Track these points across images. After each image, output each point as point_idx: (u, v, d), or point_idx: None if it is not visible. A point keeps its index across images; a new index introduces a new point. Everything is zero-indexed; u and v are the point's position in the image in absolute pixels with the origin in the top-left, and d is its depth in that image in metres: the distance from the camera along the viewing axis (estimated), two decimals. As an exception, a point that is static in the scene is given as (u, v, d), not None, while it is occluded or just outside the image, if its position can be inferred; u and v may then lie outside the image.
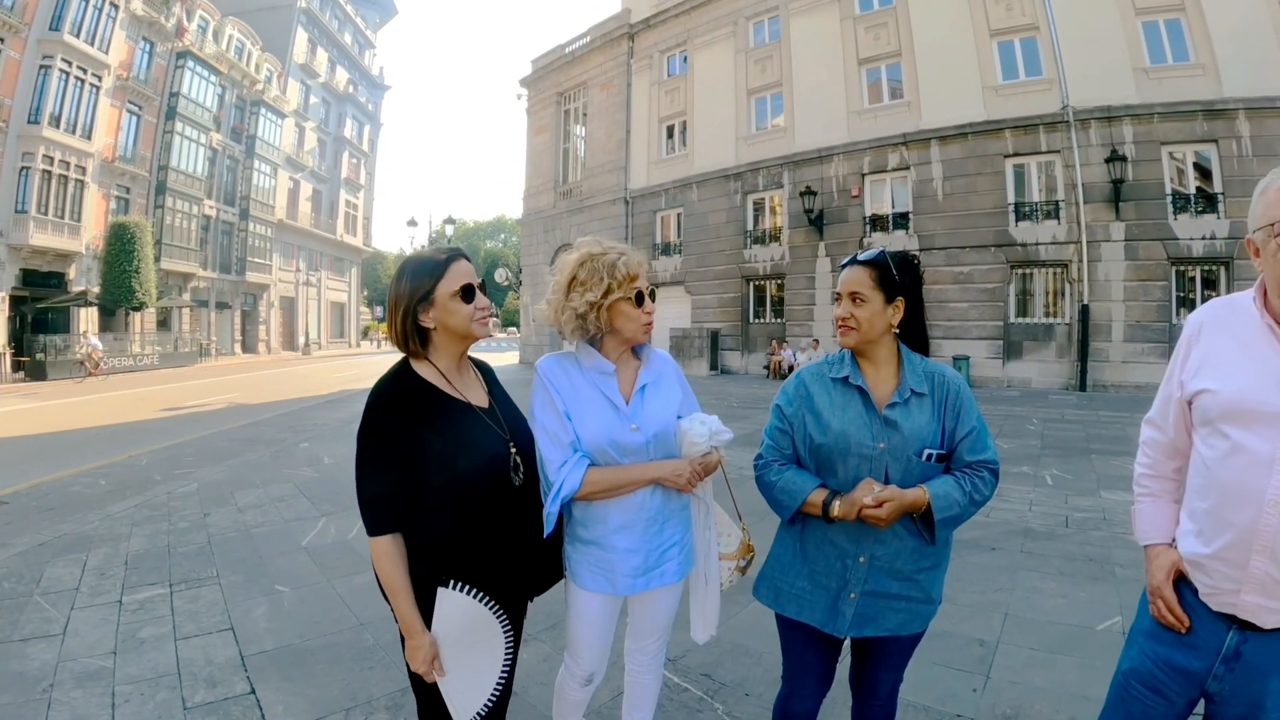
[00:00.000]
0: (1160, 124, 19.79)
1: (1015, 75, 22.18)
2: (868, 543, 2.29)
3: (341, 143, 58.16)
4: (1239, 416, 1.79)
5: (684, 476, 2.41)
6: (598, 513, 2.46)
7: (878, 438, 2.27)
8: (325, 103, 56.39)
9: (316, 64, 54.29)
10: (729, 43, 29.01)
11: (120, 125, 35.48)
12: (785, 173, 26.61)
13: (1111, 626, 4.55)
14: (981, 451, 2.32)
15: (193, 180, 40.35)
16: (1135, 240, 20.01)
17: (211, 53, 41.42)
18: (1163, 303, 19.81)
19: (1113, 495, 8.13)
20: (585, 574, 2.49)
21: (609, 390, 2.44)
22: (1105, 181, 20.03)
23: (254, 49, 46.43)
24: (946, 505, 2.22)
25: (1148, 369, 19.61)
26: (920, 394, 2.31)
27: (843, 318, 2.34)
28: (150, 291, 33.88)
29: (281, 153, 49.56)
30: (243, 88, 45.50)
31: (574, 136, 36.14)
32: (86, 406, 18.97)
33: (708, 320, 28.78)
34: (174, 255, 38.91)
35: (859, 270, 2.35)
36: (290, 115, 50.74)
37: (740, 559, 2.76)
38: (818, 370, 2.46)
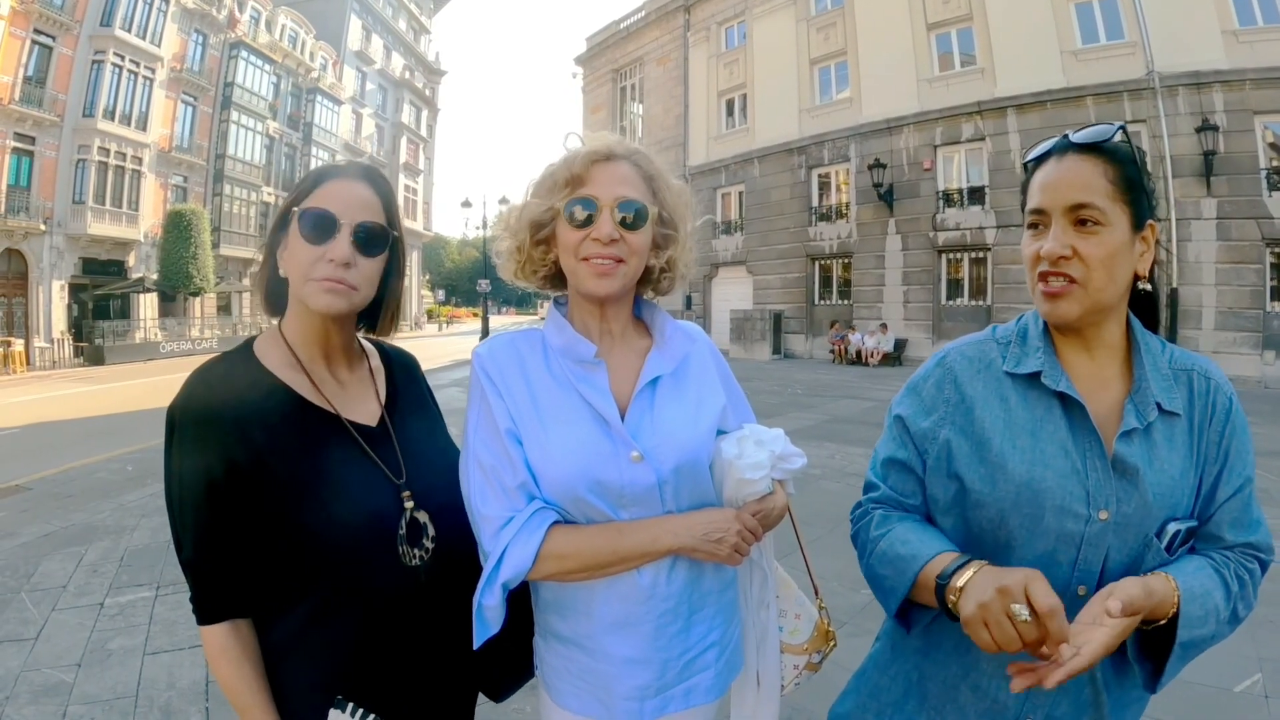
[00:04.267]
0: (1253, 92, 18.37)
1: (1096, 39, 21.04)
2: (1044, 694, 1.31)
3: (399, 128, 58.55)
4: None
5: (728, 542, 1.45)
6: (577, 600, 1.52)
7: (1099, 498, 1.28)
8: (382, 89, 56.85)
9: (371, 51, 54.68)
10: (789, 11, 28.22)
11: (176, 116, 36.09)
12: (851, 145, 25.88)
13: (1251, 687, 3.87)
14: (1252, 529, 1.35)
15: (250, 168, 40.94)
16: (1227, 219, 18.64)
17: (265, 42, 41.87)
18: (1256, 288, 18.47)
19: None
20: (564, 687, 1.56)
21: (591, 391, 1.48)
22: (1195, 154, 18.71)
23: (307, 37, 46.87)
24: (1202, 615, 1.23)
25: (1240, 360, 18.23)
26: (1171, 414, 1.33)
27: (1058, 259, 1.28)
28: (208, 277, 34.50)
29: (339, 139, 50.03)
30: (298, 76, 46.01)
31: (630, 114, 35.90)
32: (142, 390, 19.40)
33: (770, 301, 28.25)
34: (233, 241, 39.51)
35: (1083, 163, 1.30)
36: (347, 102, 51.24)
37: (814, 652, 1.78)
38: (980, 354, 1.44)
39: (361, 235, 1.43)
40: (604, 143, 1.51)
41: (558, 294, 1.62)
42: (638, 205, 1.46)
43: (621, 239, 1.44)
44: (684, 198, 1.59)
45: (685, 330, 1.65)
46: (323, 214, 1.40)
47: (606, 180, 1.45)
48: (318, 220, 1.40)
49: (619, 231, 1.43)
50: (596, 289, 1.45)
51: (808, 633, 1.77)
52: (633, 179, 1.48)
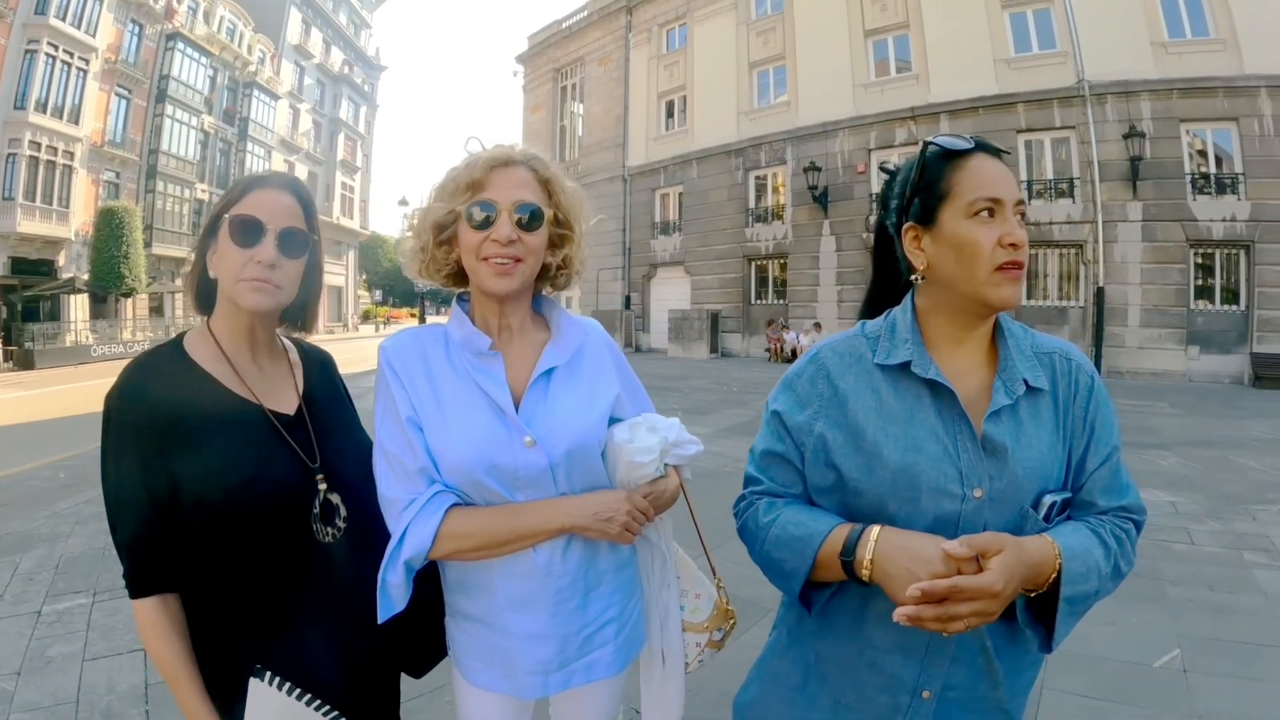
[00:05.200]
0: (1180, 100, 18.97)
1: (1028, 48, 21.57)
2: (940, 665, 1.34)
3: (337, 125, 56.72)
4: None
5: (618, 521, 1.53)
6: (480, 579, 1.59)
7: (971, 478, 1.30)
8: (320, 84, 54.99)
9: (311, 45, 52.78)
10: (730, 14, 28.07)
11: (109, 109, 34.27)
12: (788, 148, 25.87)
13: (1171, 662, 3.96)
14: (1123, 493, 1.40)
15: (184, 164, 39.14)
16: (1153, 221, 19.15)
17: (202, 34, 40.15)
18: (1181, 287, 19.05)
19: (1148, 495, 7.43)
20: (473, 664, 1.64)
21: (488, 381, 1.55)
22: (1122, 159, 19.14)
23: (246, 30, 45.15)
24: (1084, 572, 1.26)
25: (1166, 355, 19.02)
26: (1037, 389, 1.37)
27: (1019, 244, 1.31)
28: (140, 277, 32.87)
29: (275, 135, 48.26)
30: (235, 70, 44.27)
31: (571, 113, 35.26)
32: (73, 395, 18.49)
33: (708, 301, 28.03)
34: (166, 240, 37.66)
35: (1005, 167, 1.37)
36: (284, 97, 49.44)
37: (715, 629, 1.83)
38: (851, 347, 1.45)
39: (285, 239, 1.51)
40: (502, 149, 1.58)
41: (461, 291, 1.68)
42: (534, 207, 1.53)
43: (519, 239, 1.51)
44: (578, 199, 1.66)
45: (580, 324, 1.72)
46: (250, 220, 1.49)
47: (504, 184, 1.52)
48: (246, 226, 1.49)
49: (516, 233, 1.51)
50: (496, 287, 1.52)
51: (708, 611, 1.83)
52: (529, 183, 1.55)
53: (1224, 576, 5.34)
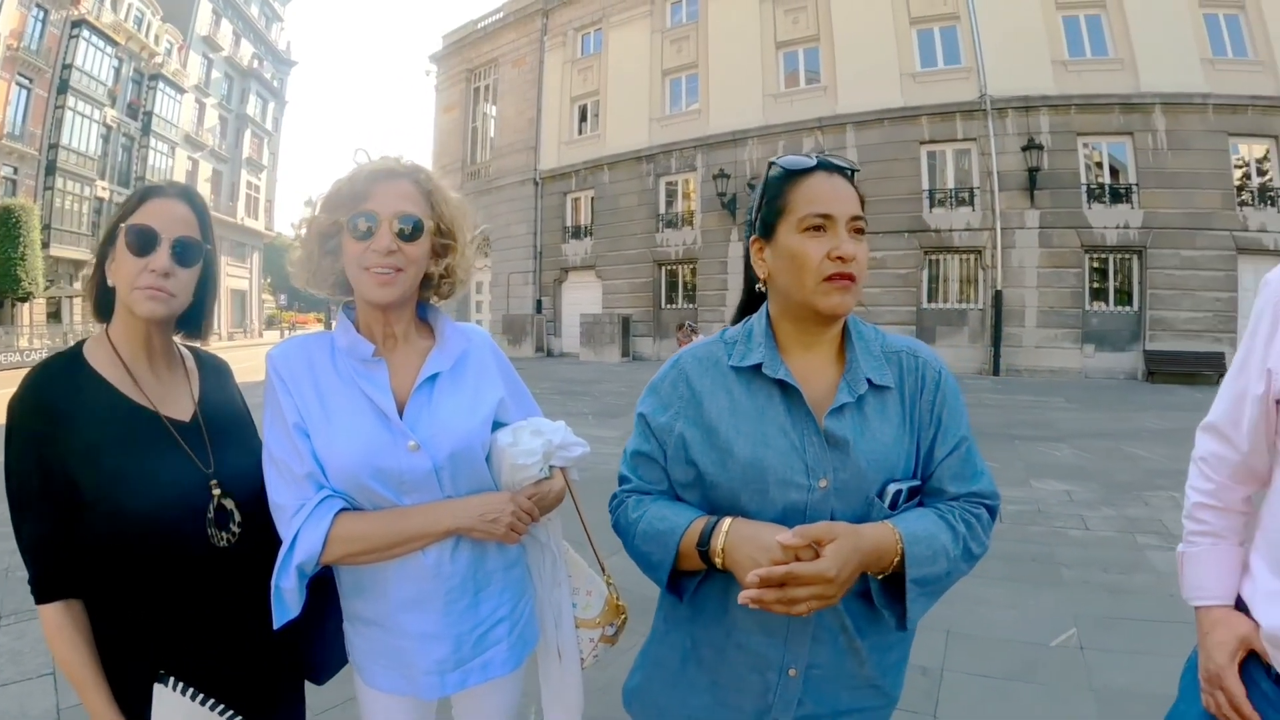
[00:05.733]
0: (1077, 115, 20.05)
1: (934, 64, 22.38)
2: (801, 644, 1.42)
3: (244, 121, 54.05)
4: None
5: (502, 521, 1.57)
6: (373, 582, 1.61)
7: (817, 470, 1.39)
8: (228, 78, 52.29)
9: (220, 37, 50.19)
10: (645, 22, 27.85)
11: (9, 99, 31.64)
12: (699, 155, 25.75)
13: (1067, 641, 4.10)
14: (973, 480, 1.48)
15: (85, 160, 36.43)
16: (1049, 228, 20.11)
17: (109, 22, 37.68)
18: (1076, 289, 20.06)
19: (1043, 485, 7.89)
20: (372, 667, 1.67)
21: (372, 387, 1.58)
22: (1020, 170, 20.04)
23: (154, 19, 42.60)
24: (929, 555, 1.34)
25: (1061, 354, 20.02)
26: (882, 387, 1.45)
27: (847, 257, 1.37)
28: (37, 280, 30.45)
29: (180, 130, 45.65)
30: (141, 60, 41.68)
31: (483, 115, 34.31)
32: None
33: (619, 306, 27.54)
34: (64, 241, 34.95)
35: (848, 184, 1.44)
36: (190, 91, 46.87)
37: (607, 624, 1.89)
38: (709, 354, 1.54)
39: (179, 248, 1.52)
40: (386, 161, 1.60)
41: (348, 299, 1.66)
42: (415, 219, 1.55)
43: (399, 250, 1.53)
44: (462, 210, 1.68)
45: (464, 331, 1.74)
46: (145, 229, 1.50)
47: (387, 196, 1.54)
48: (141, 235, 1.50)
49: (396, 243, 1.52)
50: (376, 296, 1.54)
51: (599, 607, 1.88)
52: (412, 195, 1.58)
53: (1118, 558, 5.47)
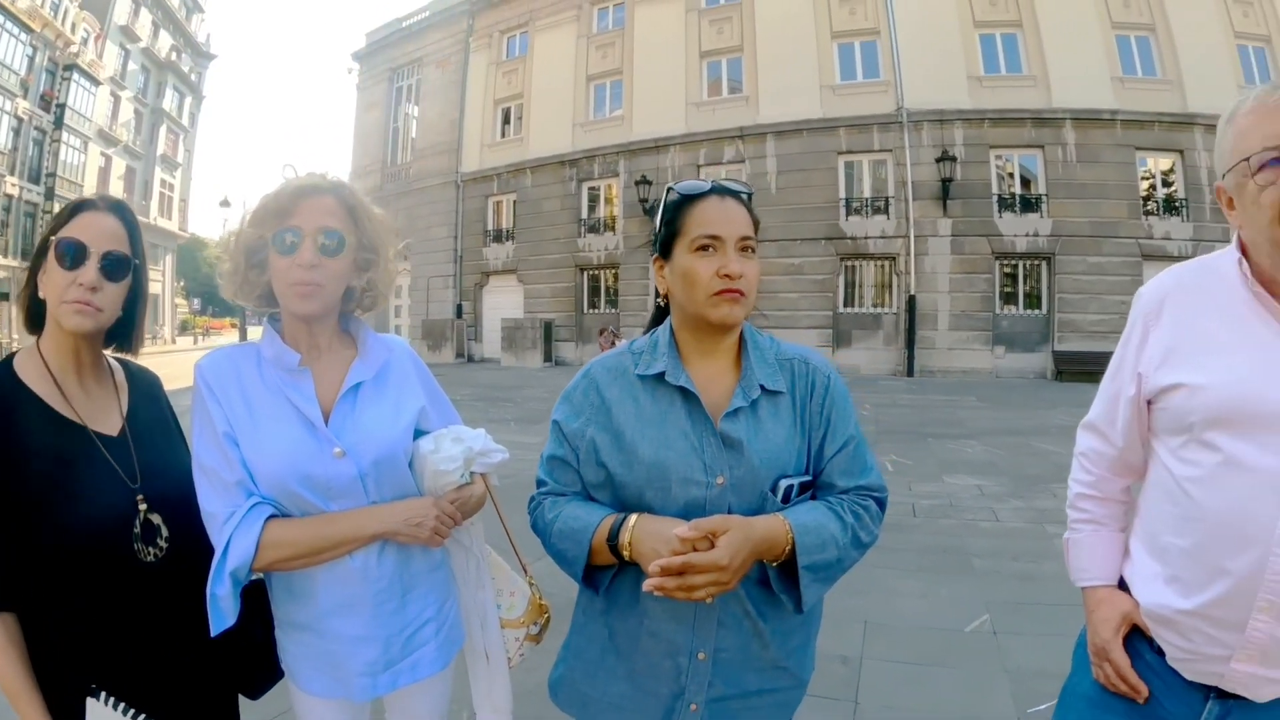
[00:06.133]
0: (990, 129, 20.88)
1: (854, 76, 22.89)
2: (708, 629, 1.50)
3: (160, 116, 51.43)
4: (1235, 421, 1.31)
5: (426, 525, 1.61)
6: (304, 587, 1.61)
7: (714, 468, 1.48)
8: (145, 70, 49.58)
9: (139, 27, 47.51)
10: (572, 26, 27.58)
11: None
12: (621, 161, 25.57)
13: (980, 626, 4.23)
14: (862, 474, 1.58)
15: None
16: (961, 236, 20.72)
17: (24, 7, 35.44)
18: (987, 294, 20.82)
19: (955, 480, 8.09)
20: (305, 671, 1.67)
21: (298, 396, 1.59)
22: (934, 180, 20.60)
23: (71, 6, 40.30)
24: (819, 544, 1.44)
25: (972, 355, 20.69)
26: (775, 392, 1.54)
27: (734, 275, 1.48)
28: None
29: (94, 125, 43.30)
30: (55, 49, 39.64)
31: (406, 115, 33.44)
32: None
33: (541, 310, 27.07)
34: None
35: (740, 206, 1.55)
36: (106, 83, 44.58)
37: (531, 624, 1.95)
38: (617, 364, 1.62)
39: (108, 263, 1.53)
40: (311, 178, 1.63)
41: (273, 311, 1.68)
42: (338, 234, 1.59)
43: (321, 265, 1.56)
44: (385, 225, 1.73)
45: (385, 342, 1.79)
46: (75, 243, 1.51)
47: (310, 212, 1.57)
48: (70, 249, 1.51)
49: (319, 258, 1.55)
50: (299, 309, 1.58)
51: (523, 608, 1.93)
52: (335, 210, 1.60)
53: (1027, 548, 5.60)
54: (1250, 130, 1.31)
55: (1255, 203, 1.29)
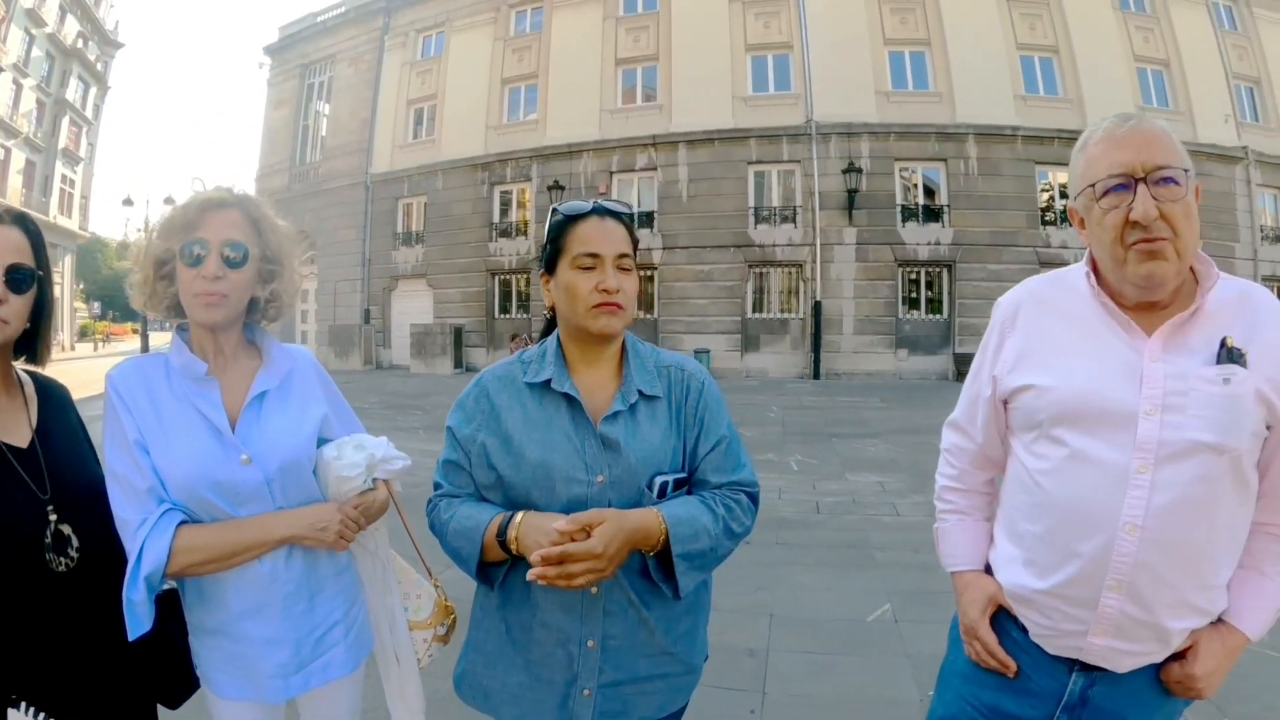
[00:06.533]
0: (896, 142, 21.60)
1: (765, 88, 23.29)
2: (595, 619, 1.60)
3: (62, 106, 48.32)
4: (1079, 419, 1.46)
5: (331, 529, 1.67)
6: (215, 592, 1.66)
7: (594, 468, 1.59)
8: (49, 57, 46.46)
9: (45, 11, 44.61)
10: (489, 28, 26.95)
11: None
12: (534, 166, 25.06)
13: (883, 615, 4.39)
14: (734, 470, 1.70)
15: None
16: (866, 244, 21.37)
17: None
18: (890, 299, 21.53)
19: (858, 477, 8.28)
20: (219, 676, 1.70)
21: (206, 404, 1.64)
22: (841, 191, 21.14)
23: None
24: (692, 534, 1.55)
25: (877, 358, 21.38)
26: (652, 397, 1.67)
27: (611, 290, 1.59)
28: None
29: None
30: None
31: (316, 114, 32.17)
32: None
33: (451, 315, 26.23)
34: None
35: (619, 225, 1.66)
36: (8, 70, 42.15)
37: (438, 625, 1.97)
38: (506, 372, 1.71)
39: (12, 276, 1.52)
40: (218, 191, 1.69)
41: (181, 321, 1.73)
42: (243, 247, 1.64)
43: (225, 276, 1.61)
44: (288, 238, 1.78)
45: (289, 351, 1.84)
46: None
47: (217, 224, 1.62)
48: None
49: (224, 270, 1.61)
50: (205, 318, 1.64)
51: (429, 609, 1.98)
52: (240, 223, 1.66)
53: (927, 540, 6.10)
54: (1098, 159, 1.44)
55: (1100, 224, 1.44)
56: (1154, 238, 1.38)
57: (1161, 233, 1.38)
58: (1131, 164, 1.40)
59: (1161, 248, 1.39)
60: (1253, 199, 22.56)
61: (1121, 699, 1.51)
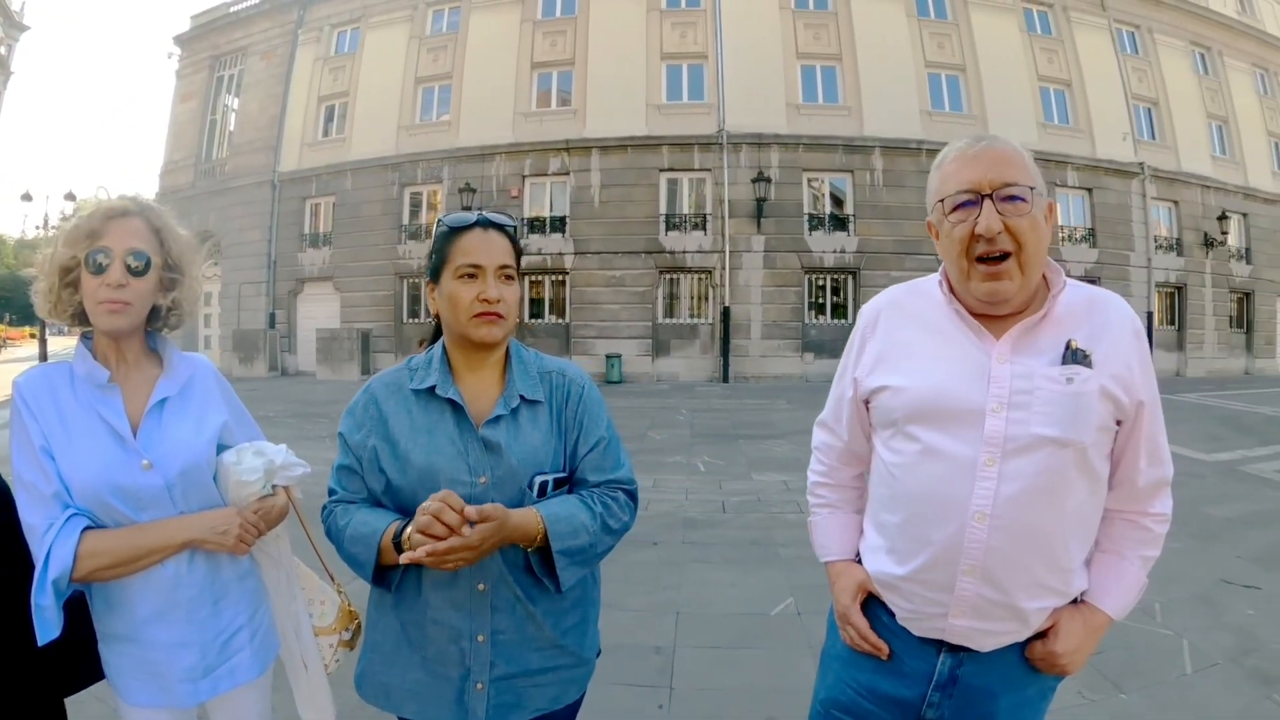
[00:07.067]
0: (804, 153, 22.10)
1: (679, 97, 23.29)
2: (484, 614, 1.65)
3: None
4: (931, 416, 1.55)
5: (231, 533, 1.69)
6: (121, 598, 1.67)
7: (477, 469, 1.64)
8: None
9: None
10: (405, 26, 26.08)
11: None
12: (446, 167, 24.29)
13: (786, 609, 4.49)
14: (612, 470, 1.77)
15: None
16: (774, 251, 21.85)
17: None
18: (796, 305, 22.05)
19: (763, 477, 8.34)
20: (129, 683, 1.71)
21: (108, 411, 1.66)
22: (750, 199, 21.42)
23: None
24: (570, 531, 1.62)
25: (783, 361, 21.86)
26: (534, 401, 1.73)
27: (492, 300, 1.65)
28: None
29: None
30: None
31: (224, 108, 30.67)
32: None
33: (359, 320, 25.10)
34: None
35: (502, 237, 1.72)
36: None
37: (343, 630, 1.99)
38: (394, 379, 1.76)
39: None
40: (122, 200, 1.73)
41: (86, 329, 1.75)
42: (145, 255, 1.67)
43: (129, 284, 1.64)
44: (190, 246, 1.81)
45: (189, 359, 1.86)
46: None
47: (119, 233, 1.65)
48: None
49: (127, 278, 1.64)
50: (108, 325, 1.66)
51: (333, 615, 1.99)
52: (143, 232, 1.69)
53: None
54: (951, 176, 1.54)
55: (949, 237, 1.53)
56: (997, 251, 1.46)
57: (1005, 246, 1.46)
58: (979, 181, 1.48)
59: (1004, 268, 1.47)
60: (1147, 211, 24.28)
61: (990, 676, 1.58)
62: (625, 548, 5.74)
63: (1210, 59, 26.83)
